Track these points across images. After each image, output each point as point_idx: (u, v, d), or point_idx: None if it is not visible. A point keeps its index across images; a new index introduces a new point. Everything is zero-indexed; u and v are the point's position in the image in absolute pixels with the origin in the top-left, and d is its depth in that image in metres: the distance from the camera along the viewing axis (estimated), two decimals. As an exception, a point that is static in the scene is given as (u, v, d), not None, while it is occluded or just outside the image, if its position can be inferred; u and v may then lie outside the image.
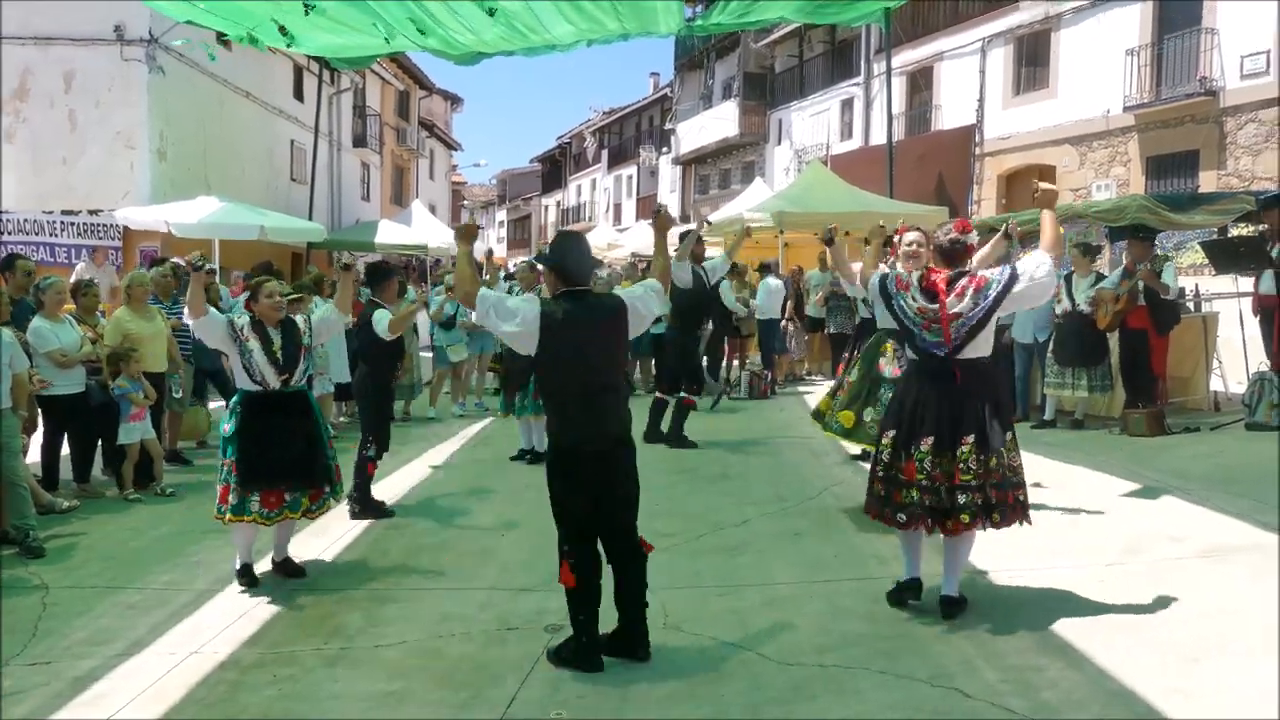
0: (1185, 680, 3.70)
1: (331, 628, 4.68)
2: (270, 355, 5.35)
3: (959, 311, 4.44)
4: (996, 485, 4.38)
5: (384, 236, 20.72)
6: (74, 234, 16.22)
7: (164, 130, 18.19)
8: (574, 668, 4.05)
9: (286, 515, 5.39)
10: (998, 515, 4.39)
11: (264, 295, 5.50)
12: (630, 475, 4.17)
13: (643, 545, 4.21)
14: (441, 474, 8.37)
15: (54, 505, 6.91)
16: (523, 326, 4.06)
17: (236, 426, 5.30)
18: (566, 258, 4.23)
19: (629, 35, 12.01)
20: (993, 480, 4.37)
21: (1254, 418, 8.46)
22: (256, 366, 5.32)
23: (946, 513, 4.39)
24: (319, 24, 10.84)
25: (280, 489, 5.30)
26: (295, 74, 24.54)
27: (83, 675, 4.12)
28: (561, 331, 4.02)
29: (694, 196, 35.53)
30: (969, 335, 4.43)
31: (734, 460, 8.55)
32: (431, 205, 32.56)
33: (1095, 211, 10.62)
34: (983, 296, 4.41)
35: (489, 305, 4.15)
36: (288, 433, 5.35)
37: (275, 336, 5.42)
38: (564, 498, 4.11)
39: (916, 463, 4.43)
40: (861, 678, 3.89)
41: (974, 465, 4.35)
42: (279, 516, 5.34)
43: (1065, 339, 9.27)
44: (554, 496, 4.15)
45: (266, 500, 5.26)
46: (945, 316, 4.45)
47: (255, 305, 5.50)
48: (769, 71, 31.28)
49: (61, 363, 7.15)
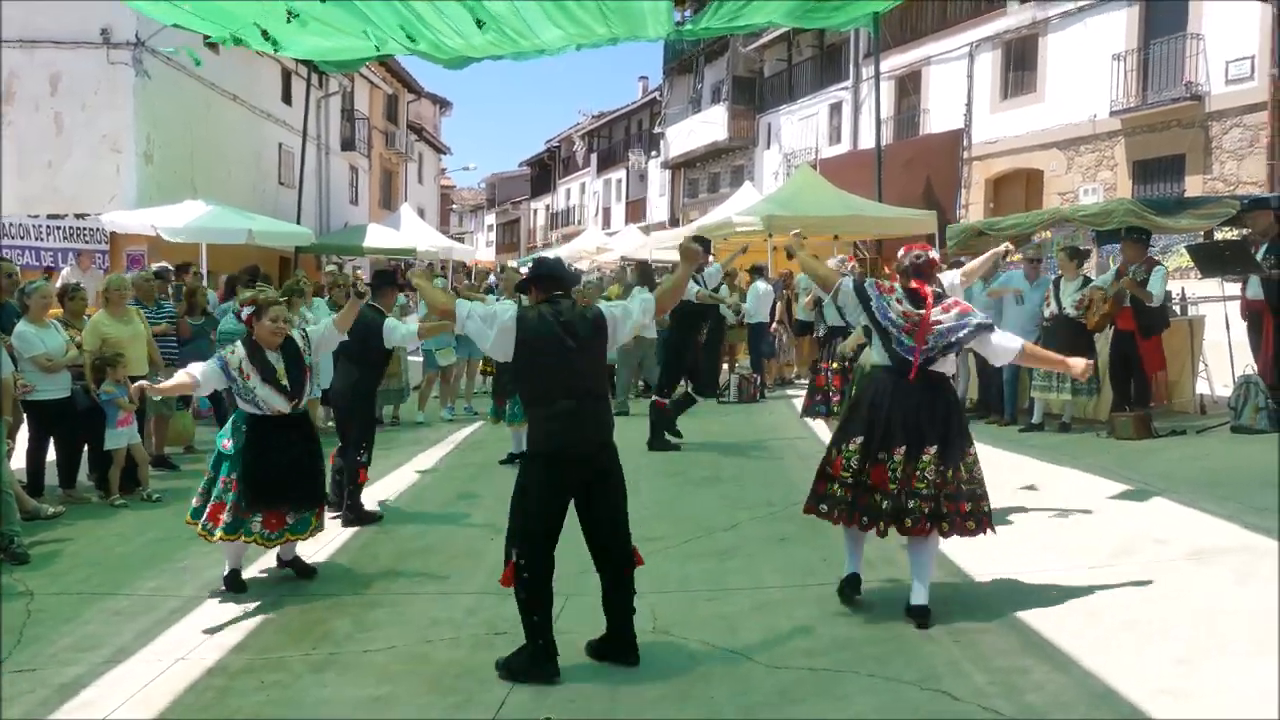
0: (1173, 682, 3.71)
1: (320, 633, 4.67)
2: (276, 384, 5.13)
3: (939, 320, 4.56)
4: (950, 496, 4.48)
5: (372, 240, 20.68)
6: (60, 238, 16.13)
7: (151, 133, 18.12)
8: (527, 679, 3.96)
9: (288, 537, 5.30)
10: (946, 525, 4.48)
11: (268, 318, 5.19)
12: (616, 482, 4.17)
13: (635, 557, 4.21)
14: (430, 478, 8.35)
15: (39, 511, 6.86)
16: (496, 332, 4.07)
17: (240, 445, 5.12)
18: (546, 268, 4.37)
19: (618, 40, 12.02)
20: (947, 491, 4.47)
21: (1239, 421, 8.50)
22: (263, 400, 5.13)
23: (899, 515, 4.48)
24: (306, 28, 10.81)
25: (283, 510, 5.18)
26: (283, 77, 24.49)
27: (69, 682, 4.10)
28: (538, 337, 4.04)
29: (683, 200, 35.57)
30: (944, 349, 4.57)
31: (724, 464, 8.56)
32: (420, 209, 32.58)
33: (1082, 215, 10.67)
34: (964, 321, 4.57)
35: (466, 312, 4.19)
36: (294, 454, 5.20)
37: (277, 361, 5.17)
38: (535, 502, 4.06)
39: (890, 471, 4.50)
40: (850, 681, 3.89)
41: (931, 475, 4.46)
42: (279, 539, 5.24)
43: (1052, 342, 9.27)
44: (523, 500, 4.09)
45: (268, 521, 5.14)
46: (926, 322, 4.55)
47: (256, 325, 5.21)
48: (758, 76, 31.36)
49: (47, 367, 7.11)
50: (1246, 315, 9.28)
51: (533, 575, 4.02)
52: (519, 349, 4.07)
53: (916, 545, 4.57)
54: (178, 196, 17.09)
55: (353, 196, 30.61)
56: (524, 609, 4.05)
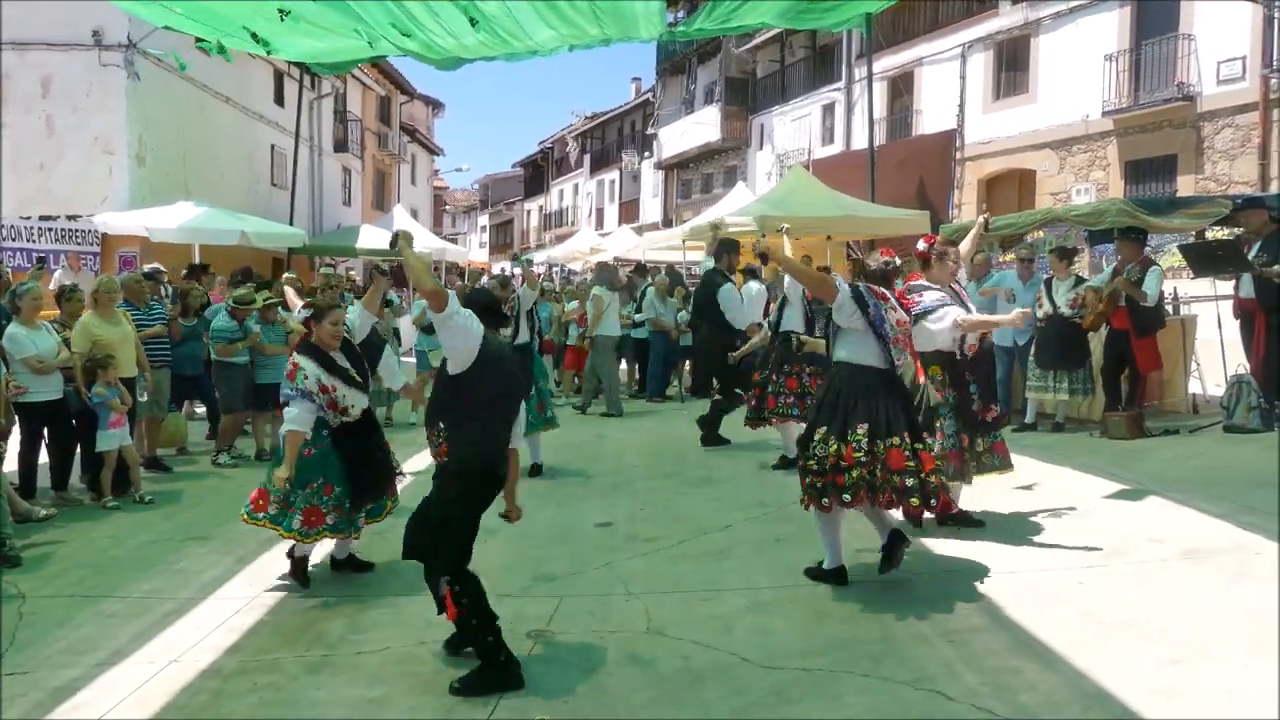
0: (1167, 682, 3.72)
1: (313, 635, 4.66)
2: (355, 383, 5.28)
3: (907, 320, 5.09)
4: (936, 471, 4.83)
5: (366, 241, 20.62)
6: (52, 239, 16.07)
7: (143, 135, 18.07)
8: (500, 689, 3.89)
9: (325, 535, 5.33)
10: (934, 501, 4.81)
11: (329, 321, 5.26)
12: None
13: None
14: (423, 480, 8.31)
15: (31, 513, 6.84)
16: (472, 339, 4.17)
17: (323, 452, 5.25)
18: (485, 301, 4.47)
19: (610, 41, 12.02)
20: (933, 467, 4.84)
21: (1232, 420, 8.52)
22: (351, 403, 5.27)
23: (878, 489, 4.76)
24: (299, 29, 10.79)
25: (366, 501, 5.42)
26: (275, 79, 24.43)
27: (63, 685, 4.09)
28: (493, 359, 4.19)
29: (676, 201, 35.59)
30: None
31: (717, 464, 8.56)
32: (413, 210, 32.49)
33: (1075, 215, 10.69)
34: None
35: (457, 306, 4.19)
36: (371, 455, 5.42)
37: (343, 361, 5.28)
38: (465, 520, 4.10)
39: (854, 444, 4.77)
40: (844, 681, 3.90)
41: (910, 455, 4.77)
42: (317, 536, 5.29)
43: (1046, 342, 9.32)
44: (453, 521, 4.08)
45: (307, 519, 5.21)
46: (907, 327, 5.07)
47: (316, 329, 5.28)
48: (751, 77, 31.38)
49: (38, 369, 7.09)
50: (1239, 314, 9.30)
51: (473, 594, 4.01)
52: (477, 364, 4.14)
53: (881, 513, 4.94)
54: (170, 198, 17.03)
55: (345, 198, 30.56)
56: (477, 633, 4.00)
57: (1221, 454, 7.77)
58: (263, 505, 5.24)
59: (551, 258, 29.06)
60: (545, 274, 25.48)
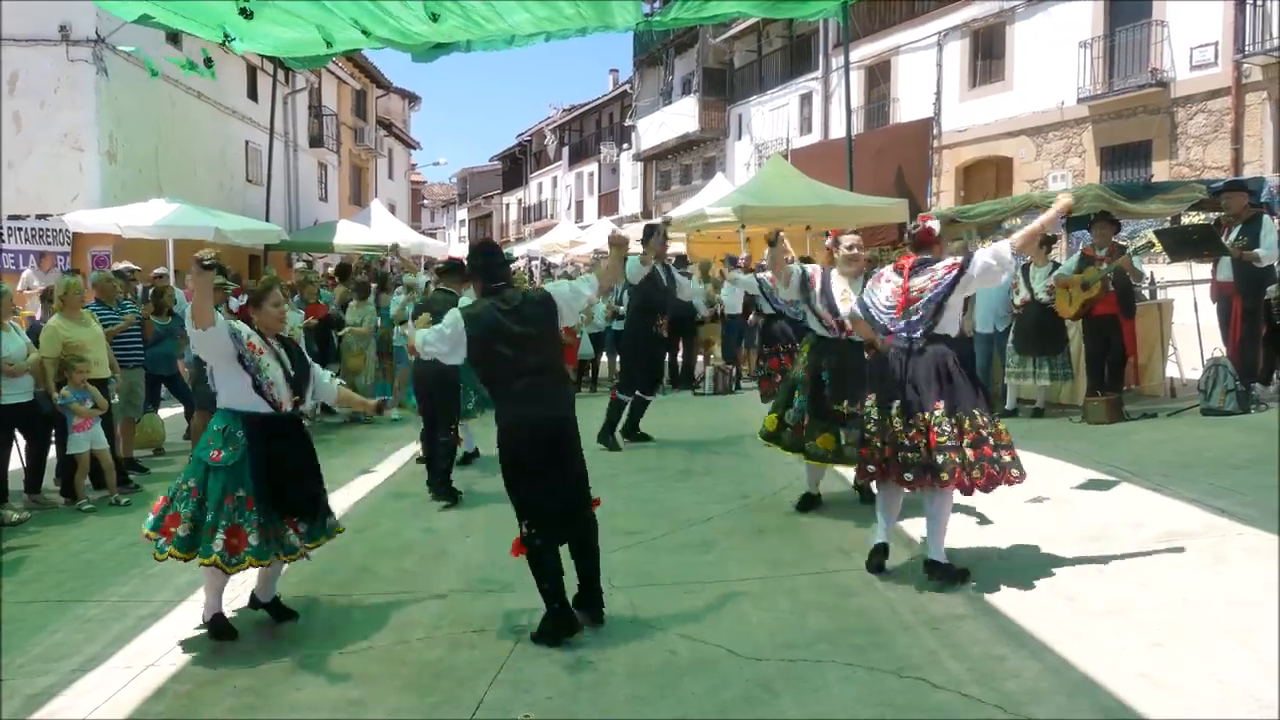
0: (1149, 666, 3.73)
1: (292, 636, 4.61)
2: (283, 367, 4.61)
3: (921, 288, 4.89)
4: (972, 445, 4.66)
5: (343, 237, 20.45)
6: (21, 239, 15.87)
7: (113, 131, 17.83)
8: (554, 643, 4.22)
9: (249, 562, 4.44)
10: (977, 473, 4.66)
11: (270, 303, 4.68)
12: (579, 450, 4.52)
13: (593, 504, 4.54)
14: (402, 477, 8.27)
15: (4, 517, 6.76)
16: (451, 343, 4.40)
17: (240, 455, 4.45)
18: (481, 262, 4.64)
19: (587, 30, 11.92)
20: (968, 440, 4.67)
21: (1209, 403, 8.58)
22: (274, 385, 4.53)
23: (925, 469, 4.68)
24: (270, 17, 10.60)
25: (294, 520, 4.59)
26: (249, 74, 24.18)
27: (39, 691, 4.03)
28: (488, 329, 4.36)
29: (655, 192, 35.53)
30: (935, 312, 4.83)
31: (697, 457, 8.54)
32: (391, 204, 32.27)
33: (1052, 202, 10.72)
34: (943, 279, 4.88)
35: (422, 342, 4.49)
36: (299, 463, 4.63)
37: (280, 350, 4.68)
38: (525, 476, 4.35)
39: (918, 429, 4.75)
40: (829, 671, 3.88)
41: (948, 428, 4.67)
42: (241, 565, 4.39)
43: (1024, 328, 9.36)
44: (514, 477, 4.39)
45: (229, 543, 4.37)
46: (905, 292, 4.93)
47: (256, 314, 4.68)
48: (728, 67, 31.34)
49: (8, 372, 6.98)
50: (1216, 297, 9.36)
51: (542, 543, 4.31)
52: (472, 346, 4.38)
53: (936, 501, 4.81)
54: (143, 195, 16.84)
55: (322, 193, 30.32)
56: (535, 577, 4.34)
57: (1199, 438, 7.82)
58: (169, 529, 4.43)
59: (531, 251, 28.96)
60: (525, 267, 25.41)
